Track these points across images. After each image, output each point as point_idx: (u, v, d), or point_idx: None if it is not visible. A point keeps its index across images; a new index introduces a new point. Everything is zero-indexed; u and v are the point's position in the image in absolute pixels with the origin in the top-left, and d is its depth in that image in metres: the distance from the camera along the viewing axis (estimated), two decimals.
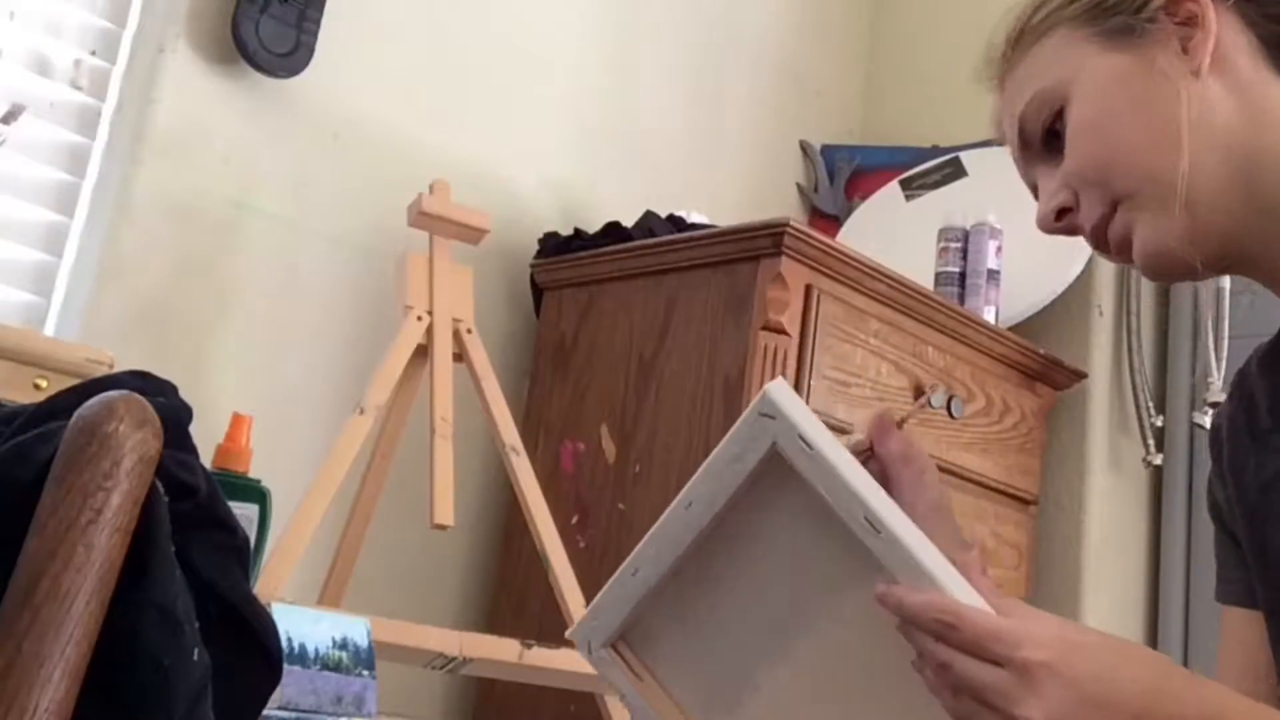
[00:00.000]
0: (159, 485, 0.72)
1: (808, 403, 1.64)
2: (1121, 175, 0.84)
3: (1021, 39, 0.91)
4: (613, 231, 1.87)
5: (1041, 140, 0.89)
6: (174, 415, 0.75)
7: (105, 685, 0.69)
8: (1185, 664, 2.09)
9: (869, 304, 1.74)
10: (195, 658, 0.72)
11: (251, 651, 0.80)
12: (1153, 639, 2.18)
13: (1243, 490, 0.91)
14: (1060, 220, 0.88)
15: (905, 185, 2.35)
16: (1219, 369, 2.11)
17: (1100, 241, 0.87)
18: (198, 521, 0.77)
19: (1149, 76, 0.84)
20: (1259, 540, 0.89)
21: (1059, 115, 0.87)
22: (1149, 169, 0.83)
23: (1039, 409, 2.03)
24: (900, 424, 0.93)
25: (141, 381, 0.81)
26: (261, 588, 1.23)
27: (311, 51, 1.67)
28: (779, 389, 0.78)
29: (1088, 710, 0.70)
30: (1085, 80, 0.86)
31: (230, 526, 0.80)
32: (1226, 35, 0.84)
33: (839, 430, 1.69)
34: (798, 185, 2.46)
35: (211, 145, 1.63)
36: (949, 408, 1.83)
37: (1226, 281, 2.12)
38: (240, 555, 0.81)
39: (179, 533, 0.74)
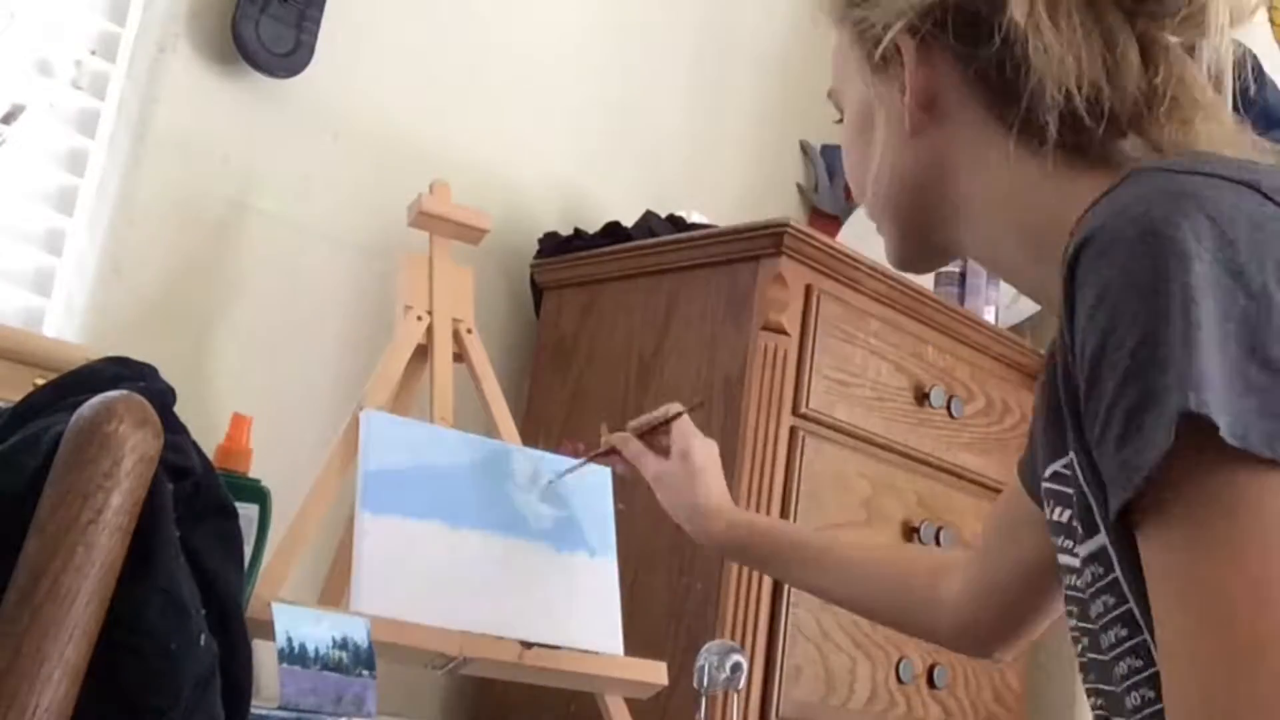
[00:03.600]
0: (162, 473, 0.72)
1: (807, 403, 1.65)
2: (863, 201, 0.88)
3: (827, 12, 0.87)
4: (613, 231, 1.87)
5: None
6: (158, 399, 0.75)
7: (112, 670, 0.69)
8: None
9: (869, 304, 1.74)
10: (202, 643, 0.72)
11: (243, 638, 0.81)
12: None
13: None
14: None
15: None
16: None
17: None
18: (199, 509, 0.77)
19: (871, 125, 0.83)
20: None
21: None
22: (871, 208, 0.87)
23: None
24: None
25: (118, 368, 0.81)
26: (261, 588, 1.23)
27: (311, 51, 1.67)
28: None
29: None
30: (846, 101, 0.87)
31: (229, 510, 0.81)
32: (944, 78, 0.78)
33: (835, 428, 1.69)
34: (798, 185, 2.46)
35: (211, 145, 1.63)
36: (949, 408, 1.83)
37: None
38: (237, 541, 0.82)
39: (180, 519, 0.74)
